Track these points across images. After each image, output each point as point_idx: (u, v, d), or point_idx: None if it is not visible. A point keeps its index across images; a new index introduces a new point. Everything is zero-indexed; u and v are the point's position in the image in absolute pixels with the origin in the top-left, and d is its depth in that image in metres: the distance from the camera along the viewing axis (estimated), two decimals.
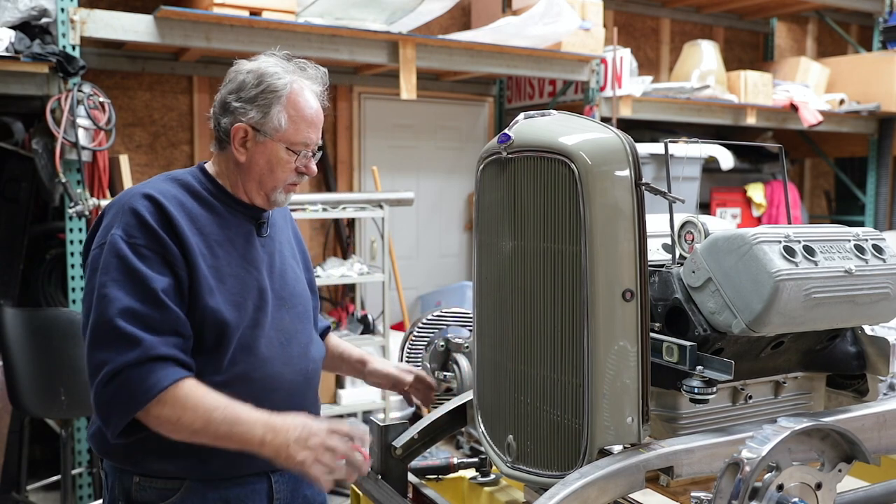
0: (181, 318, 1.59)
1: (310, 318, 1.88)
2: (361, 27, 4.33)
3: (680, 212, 1.69)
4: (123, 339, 1.52)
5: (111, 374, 1.51)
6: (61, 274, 4.07)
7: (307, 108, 1.70)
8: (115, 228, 1.60)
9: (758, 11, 6.99)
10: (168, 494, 1.64)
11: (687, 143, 2.06)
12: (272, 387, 1.70)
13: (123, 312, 1.53)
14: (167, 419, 1.53)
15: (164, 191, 1.65)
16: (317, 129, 1.73)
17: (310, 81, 1.74)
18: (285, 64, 1.73)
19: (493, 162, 1.64)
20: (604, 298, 1.42)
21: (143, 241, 1.58)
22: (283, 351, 1.74)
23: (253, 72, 1.69)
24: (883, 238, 1.63)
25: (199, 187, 1.72)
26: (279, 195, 1.74)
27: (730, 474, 1.28)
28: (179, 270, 1.60)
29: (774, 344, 1.62)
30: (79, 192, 3.65)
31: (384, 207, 4.55)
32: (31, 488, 3.91)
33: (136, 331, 1.53)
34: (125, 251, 1.56)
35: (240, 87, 1.69)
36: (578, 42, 5.01)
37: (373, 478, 1.89)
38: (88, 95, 3.65)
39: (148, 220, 1.59)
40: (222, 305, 1.64)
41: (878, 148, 6.87)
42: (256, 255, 1.74)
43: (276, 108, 1.67)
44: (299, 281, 1.86)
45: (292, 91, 1.68)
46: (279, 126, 1.67)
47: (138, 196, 1.62)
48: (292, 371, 1.75)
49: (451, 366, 2.10)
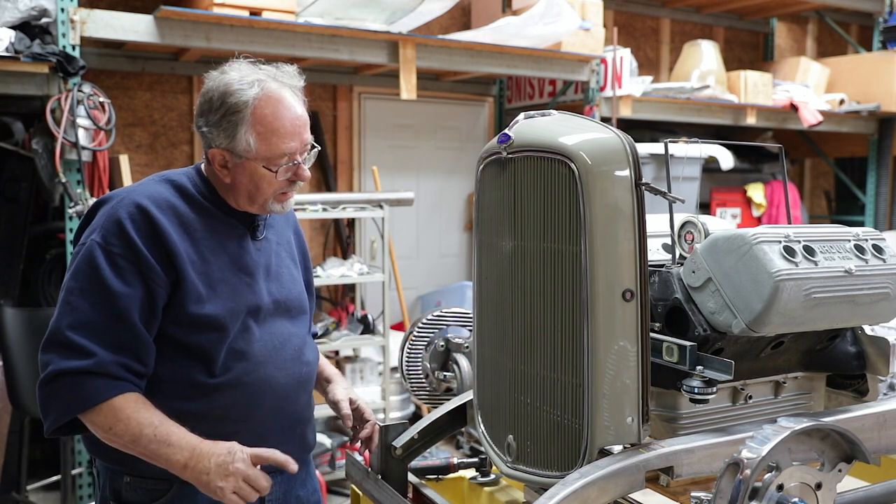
0: (141, 336, 1.58)
1: (305, 320, 1.87)
2: (361, 27, 4.33)
3: (680, 212, 1.69)
4: (73, 348, 1.53)
5: (53, 375, 1.53)
6: (61, 274, 4.07)
7: (277, 120, 1.62)
8: (95, 233, 1.59)
9: (758, 11, 6.99)
10: (158, 495, 1.65)
11: (687, 143, 2.06)
12: (265, 391, 1.70)
13: (81, 326, 1.54)
14: (100, 426, 1.54)
15: (156, 196, 1.63)
16: (296, 135, 1.65)
17: (278, 84, 1.65)
18: (250, 73, 1.65)
19: (493, 162, 1.64)
20: (604, 298, 1.42)
21: (119, 250, 1.57)
22: (277, 355, 1.73)
23: (217, 89, 1.63)
24: (883, 238, 1.63)
25: (192, 190, 1.70)
26: (272, 205, 1.71)
27: (730, 474, 1.28)
28: (154, 284, 1.58)
29: (774, 344, 1.62)
30: (79, 192, 3.65)
31: (384, 207, 4.56)
32: (31, 488, 3.91)
33: (90, 344, 1.53)
34: (99, 260, 1.56)
35: (207, 107, 1.64)
36: (578, 42, 5.01)
37: (373, 478, 1.89)
38: (88, 95, 3.65)
39: (129, 230, 1.57)
40: (212, 311, 1.64)
41: (878, 148, 6.87)
42: (249, 260, 1.73)
43: (242, 130, 1.60)
44: (296, 283, 1.85)
45: (257, 106, 1.60)
46: (249, 147, 1.61)
47: (129, 204, 1.61)
48: (285, 375, 1.75)
49: (451, 366, 2.10)
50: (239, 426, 1.67)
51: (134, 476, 1.65)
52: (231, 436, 1.62)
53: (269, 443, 1.68)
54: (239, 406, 1.67)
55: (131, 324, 1.56)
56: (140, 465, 1.62)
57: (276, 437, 1.73)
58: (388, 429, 1.90)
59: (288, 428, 1.78)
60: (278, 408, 1.73)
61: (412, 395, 2.25)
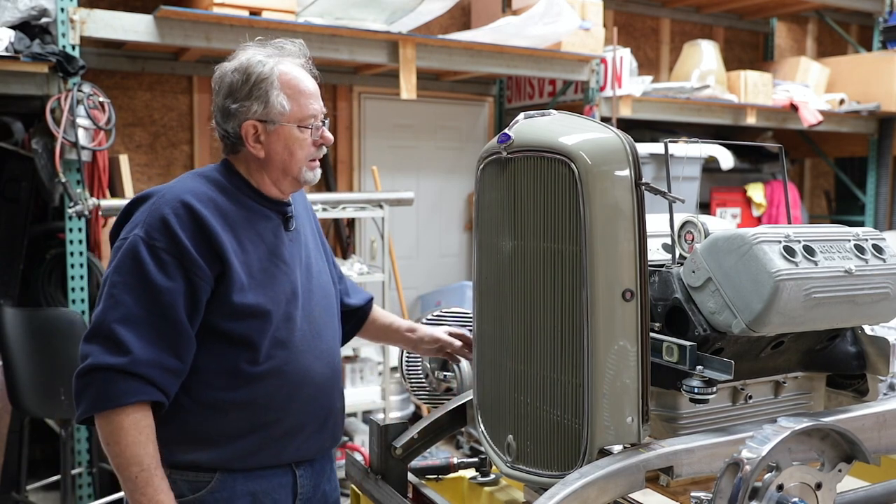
0: (183, 331, 1.61)
1: (335, 311, 1.91)
2: (361, 27, 4.33)
3: (680, 212, 1.69)
4: (113, 342, 1.56)
5: (89, 369, 1.56)
6: (61, 274, 4.06)
7: (301, 82, 1.73)
8: (138, 228, 1.62)
9: (758, 11, 6.99)
10: (199, 487, 1.67)
11: (687, 143, 2.06)
12: (304, 380, 1.74)
13: (125, 320, 1.57)
14: (103, 434, 1.59)
15: (196, 191, 1.67)
16: (317, 97, 1.75)
17: (291, 57, 1.76)
18: (263, 49, 1.75)
19: (493, 162, 1.64)
20: (604, 298, 1.42)
21: (163, 245, 1.60)
22: (315, 344, 1.77)
23: (237, 70, 1.71)
24: (883, 238, 1.63)
25: (227, 183, 1.74)
26: (306, 174, 1.77)
27: (730, 474, 1.28)
28: (197, 279, 1.61)
29: (774, 344, 1.62)
30: (79, 191, 3.65)
31: (384, 207, 4.56)
32: (31, 488, 3.91)
33: (131, 339, 1.56)
34: (143, 254, 1.59)
35: (231, 89, 1.71)
36: (578, 42, 5.01)
37: (373, 478, 1.89)
38: (88, 95, 3.65)
39: (174, 225, 1.60)
40: (255, 300, 1.67)
41: (878, 148, 6.87)
42: (285, 250, 1.76)
43: (274, 93, 1.69)
44: (324, 273, 1.89)
45: (281, 72, 1.70)
46: (283, 109, 1.69)
47: (171, 200, 1.64)
48: (322, 364, 1.79)
49: (451, 366, 2.10)
50: (280, 415, 1.70)
51: (174, 468, 1.66)
52: (272, 424, 1.68)
53: (304, 433, 1.74)
54: (280, 395, 1.70)
55: (174, 319, 1.59)
56: (181, 457, 1.66)
57: (311, 426, 1.77)
58: (388, 429, 1.90)
59: (323, 419, 1.81)
60: (314, 398, 1.76)
61: (412, 395, 2.25)
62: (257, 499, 1.69)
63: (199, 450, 1.66)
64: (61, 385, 3.39)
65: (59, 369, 3.38)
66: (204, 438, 1.65)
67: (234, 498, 1.67)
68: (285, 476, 1.75)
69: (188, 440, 1.66)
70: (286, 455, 1.71)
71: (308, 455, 1.78)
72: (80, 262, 3.71)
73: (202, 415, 1.66)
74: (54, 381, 3.39)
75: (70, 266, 3.71)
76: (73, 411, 3.48)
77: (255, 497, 1.69)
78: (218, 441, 1.65)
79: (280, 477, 1.74)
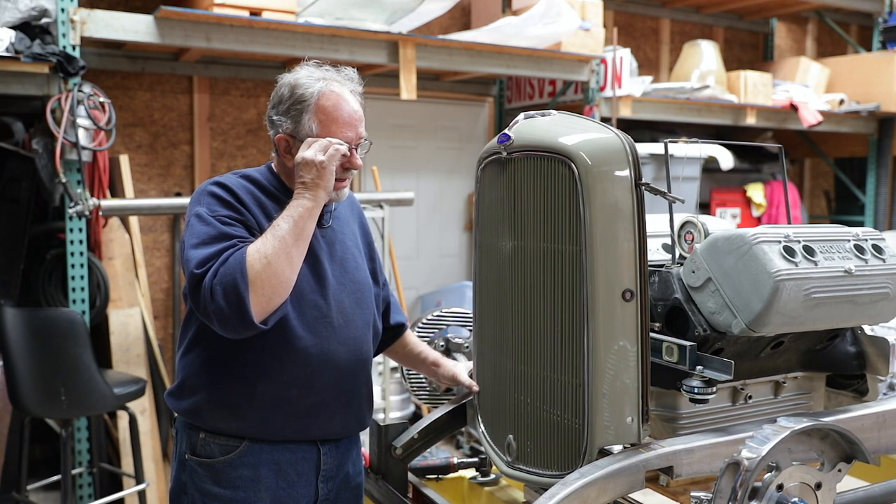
0: None
1: (370, 305, 1.97)
2: (361, 27, 4.33)
3: (680, 212, 1.69)
4: (213, 251, 1.67)
5: (208, 269, 1.65)
6: (61, 274, 4.06)
7: (337, 111, 1.83)
8: (192, 206, 1.77)
9: (758, 11, 6.99)
10: (228, 450, 1.80)
11: (687, 143, 2.06)
12: (328, 364, 1.82)
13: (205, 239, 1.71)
14: (256, 273, 1.63)
15: (233, 181, 1.82)
16: (352, 127, 1.84)
17: (339, 83, 1.87)
18: (317, 72, 1.86)
19: (493, 162, 1.65)
20: (604, 298, 1.42)
21: (224, 213, 1.74)
22: (341, 332, 1.85)
23: (287, 84, 1.84)
24: (883, 238, 1.63)
25: (264, 181, 1.87)
26: (330, 193, 1.83)
27: (730, 474, 1.28)
28: (252, 228, 1.75)
29: (774, 344, 1.62)
30: (79, 192, 3.65)
31: (384, 207, 4.55)
32: (31, 488, 3.91)
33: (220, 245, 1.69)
34: (206, 216, 1.73)
35: (278, 101, 1.85)
36: (578, 42, 5.01)
37: (373, 477, 1.89)
38: (88, 95, 3.65)
39: (225, 196, 1.77)
40: None
41: (877, 148, 6.87)
42: (315, 242, 1.84)
43: (306, 117, 1.81)
44: (360, 269, 1.97)
45: (321, 97, 1.81)
46: (311, 132, 1.80)
47: (212, 182, 1.80)
48: (347, 350, 1.86)
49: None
50: (303, 391, 1.80)
51: (208, 433, 1.80)
52: (294, 399, 1.79)
53: (328, 411, 1.84)
54: (303, 375, 1.79)
55: None
56: (215, 423, 1.79)
57: (334, 406, 1.86)
58: (388, 429, 1.91)
59: (346, 400, 1.88)
60: (337, 382, 1.84)
61: (412, 395, 2.25)
62: (281, 468, 1.80)
63: (229, 419, 1.78)
64: (61, 385, 3.38)
65: (59, 369, 3.38)
66: (234, 408, 1.77)
67: (259, 464, 1.79)
68: (310, 451, 1.84)
69: (219, 408, 1.78)
70: (311, 431, 1.82)
71: (332, 434, 1.87)
72: (81, 262, 3.71)
73: (232, 386, 1.77)
74: (54, 381, 3.38)
75: (70, 266, 3.71)
76: (72, 411, 3.51)
77: (279, 466, 1.80)
78: (246, 413, 1.77)
79: (305, 451, 1.83)
